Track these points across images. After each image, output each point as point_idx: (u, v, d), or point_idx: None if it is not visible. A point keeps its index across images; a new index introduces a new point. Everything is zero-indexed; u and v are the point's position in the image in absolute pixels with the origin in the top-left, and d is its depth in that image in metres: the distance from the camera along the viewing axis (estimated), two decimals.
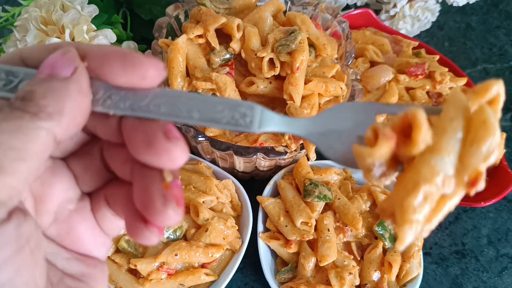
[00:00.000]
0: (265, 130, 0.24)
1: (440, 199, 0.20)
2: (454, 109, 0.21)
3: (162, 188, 0.21)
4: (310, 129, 0.25)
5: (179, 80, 0.52)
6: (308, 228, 0.52)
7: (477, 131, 0.20)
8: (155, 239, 0.21)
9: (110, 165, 0.23)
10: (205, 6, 0.55)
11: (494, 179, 0.60)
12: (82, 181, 0.24)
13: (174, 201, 0.21)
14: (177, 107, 0.22)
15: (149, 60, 0.21)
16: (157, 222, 0.20)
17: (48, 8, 0.51)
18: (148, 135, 0.20)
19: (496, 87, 0.21)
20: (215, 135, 0.51)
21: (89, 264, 0.24)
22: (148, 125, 0.21)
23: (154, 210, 0.20)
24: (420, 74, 0.64)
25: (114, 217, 0.24)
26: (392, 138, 0.20)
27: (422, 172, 0.20)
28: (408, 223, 0.19)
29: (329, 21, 0.59)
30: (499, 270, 0.59)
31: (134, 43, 0.59)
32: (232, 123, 0.22)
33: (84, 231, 0.24)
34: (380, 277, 0.51)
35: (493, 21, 0.87)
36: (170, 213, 0.20)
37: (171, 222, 0.20)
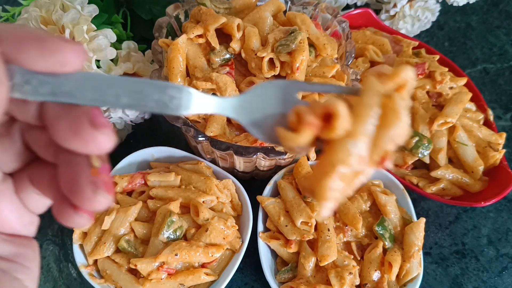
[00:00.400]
0: (193, 112, 0.23)
1: (353, 174, 0.22)
2: (369, 97, 0.23)
3: (90, 175, 0.20)
4: (237, 109, 0.25)
5: (179, 80, 0.52)
6: (308, 228, 0.52)
7: (387, 117, 0.22)
8: (85, 223, 0.21)
9: (32, 147, 0.23)
10: (205, 6, 0.55)
11: (494, 179, 0.60)
12: (2, 162, 0.23)
13: (104, 187, 0.20)
14: (103, 92, 0.21)
15: (69, 44, 0.20)
16: (87, 208, 0.20)
17: (48, 8, 0.51)
18: (73, 123, 0.20)
19: (405, 74, 0.23)
20: (215, 135, 0.51)
21: (19, 243, 0.24)
22: (72, 111, 0.20)
23: (83, 197, 0.20)
24: (420, 74, 0.64)
25: (40, 196, 0.24)
26: (314, 125, 0.22)
27: (339, 155, 0.22)
28: (326, 200, 0.22)
29: (329, 21, 0.59)
30: (499, 270, 0.59)
31: (134, 43, 0.59)
32: (160, 107, 0.22)
33: (9, 212, 0.23)
34: (380, 277, 0.51)
35: (493, 21, 0.87)
36: (100, 200, 0.20)
37: (101, 208, 0.20)
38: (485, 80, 0.78)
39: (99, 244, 0.51)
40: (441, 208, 0.64)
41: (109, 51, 0.53)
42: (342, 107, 0.22)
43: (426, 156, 0.60)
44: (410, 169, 0.63)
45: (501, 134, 0.63)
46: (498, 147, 0.62)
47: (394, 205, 0.56)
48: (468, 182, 0.60)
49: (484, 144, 0.62)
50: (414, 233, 0.53)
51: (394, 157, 0.22)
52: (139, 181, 0.55)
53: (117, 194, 0.55)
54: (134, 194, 0.56)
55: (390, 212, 0.55)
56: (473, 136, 0.62)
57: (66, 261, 0.59)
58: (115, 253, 0.51)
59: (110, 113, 0.56)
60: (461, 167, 0.62)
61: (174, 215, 0.51)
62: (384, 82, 0.23)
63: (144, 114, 0.60)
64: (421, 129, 0.61)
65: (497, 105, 0.75)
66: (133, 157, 0.59)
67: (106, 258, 0.51)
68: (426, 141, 0.59)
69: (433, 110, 0.63)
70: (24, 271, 0.24)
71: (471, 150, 0.61)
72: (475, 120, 0.64)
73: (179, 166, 0.58)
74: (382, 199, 0.56)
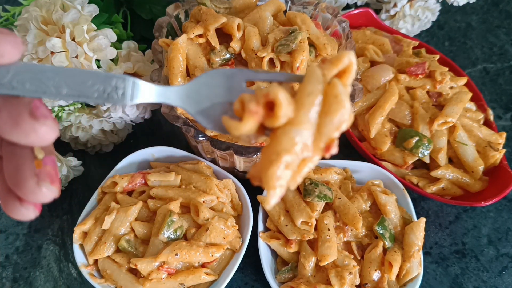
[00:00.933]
0: (138, 101, 0.23)
1: (301, 162, 0.23)
2: (311, 85, 0.23)
3: (34, 167, 0.21)
4: (183, 97, 0.25)
5: (179, 80, 0.52)
6: (308, 227, 0.52)
7: (330, 104, 0.23)
8: (31, 215, 0.21)
9: None
10: (206, 6, 0.55)
11: (495, 178, 0.60)
12: None
13: (48, 179, 0.21)
14: (43, 83, 0.21)
15: (5, 36, 0.20)
16: (31, 200, 0.21)
17: (48, 7, 0.51)
18: (13, 115, 0.20)
19: (347, 58, 0.23)
20: (216, 135, 0.51)
21: None
22: (13, 103, 0.20)
23: (27, 189, 0.20)
24: (420, 74, 0.64)
25: None
26: (257, 114, 0.22)
27: (283, 143, 0.22)
28: (273, 188, 0.22)
29: (330, 21, 0.59)
30: (500, 269, 0.59)
31: (135, 42, 0.59)
32: (104, 97, 0.22)
33: None
34: (380, 276, 0.51)
35: (493, 20, 0.87)
36: (44, 192, 0.20)
37: (45, 199, 0.21)
38: (485, 80, 0.78)
39: (99, 244, 0.51)
40: (441, 208, 0.64)
41: (109, 51, 0.53)
42: (283, 95, 0.22)
43: (426, 156, 0.60)
44: (410, 169, 0.63)
45: (501, 134, 0.63)
46: (498, 146, 0.62)
47: (394, 205, 0.56)
48: (468, 182, 0.60)
49: (484, 143, 0.62)
50: (414, 233, 0.53)
51: (337, 143, 0.22)
52: (139, 181, 0.55)
53: (117, 194, 0.55)
54: (134, 194, 0.56)
55: (390, 212, 0.55)
56: (473, 136, 0.62)
57: (66, 260, 0.59)
58: (115, 253, 0.51)
59: (110, 113, 0.56)
60: (461, 167, 0.62)
61: (174, 214, 0.51)
62: (327, 69, 0.23)
63: (145, 114, 0.60)
64: (421, 129, 0.61)
65: (497, 104, 0.75)
66: (133, 157, 0.59)
67: (107, 258, 0.51)
68: (426, 141, 0.59)
69: (433, 110, 0.63)
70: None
71: (471, 150, 0.61)
72: (475, 119, 0.64)
73: (179, 166, 0.58)
74: (382, 199, 0.56)
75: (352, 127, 0.66)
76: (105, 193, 0.56)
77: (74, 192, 0.65)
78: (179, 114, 0.50)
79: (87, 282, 0.51)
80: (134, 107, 0.57)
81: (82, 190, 0.65)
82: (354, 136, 0.64)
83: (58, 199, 0.63)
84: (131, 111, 0.57)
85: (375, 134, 0.63)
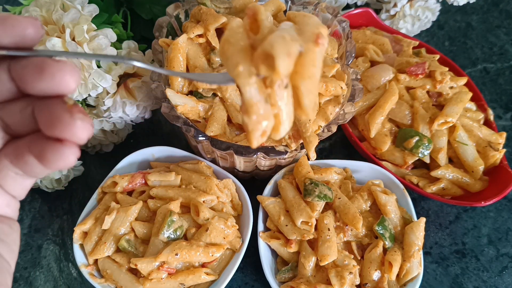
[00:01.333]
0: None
1: (299, 56, 0.24)
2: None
3: (66, 108, 0.22)
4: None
5: (179, 80, 0.52)
6: (308, 227, 0.52)
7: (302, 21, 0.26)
8: (72, 156, 0.23)
9: (8, 121, 0.25)
10: (206, 6, 0.55)
11: (495, 178, 0.60)
12: None
13: (81, 113, 0.22)
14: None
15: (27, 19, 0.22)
16: (69, 136, 0.22)
17: (48, 7, 0.51)
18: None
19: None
20: (216, 135, 0.51)
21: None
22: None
23: (63, 124, 0.22)
24: (421, 74, 0.64)
25: (17, 175, 0.25)
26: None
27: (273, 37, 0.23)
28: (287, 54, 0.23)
29: (330, 21, 0.59)
30: (500, 269, 0.59)
31: (135, 42, 0.59)
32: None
33: None
34: (381, 276, 0.51)
35: (493, 20, 0.87)
36: (79, 124, 0.22)
37: (82, 133, 0.22)
38: (485, 80, 0.78)
39: (99, 243, 0.51)
40: (441, 208, 0.64)
41: (110, 50, 0.53)
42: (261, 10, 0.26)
43: (426, 156, 0.60)
44: (410, 169, 0.63)
45: (501, 134, 0.63)
46: (498, 146, 0.62)
47: (394, 204, 0.56)
48: (468, 182, 0.60)
49: (484, 143, 0.62)
50: (414, 233, 0.53)
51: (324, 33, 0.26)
52: (140, 181, 0.55)
53: (117, 194, 0.55)
54: (134, 193, 0.56)
55: (390, 211, 0.55)
56: (473, 136, 0.62)
57: (67, 260, 0.59)
58: (115, 252, 0.51)
59: (110, 113, 0.56)
60: (461, 166, 0.62)
61: (175, 214, 0.51)
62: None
63: (145, 114, 0.60)
64: (421, 129, 0.61)
65: (497, 104, 0.75)
66: (133, 157, 0.59)
67: (107, 257, 0.51)
68: (426, 140, 0.59)
69: (433, 110, 0.63)
70: (4, 247, 0.25)
71: (471, 149, 0.61)
72: (475, 119, 0.64)
73: (179, 165, 0.58)
74: (382, 198, 0.56)
75: (352, 127, 0.66)
76: (105, 193, 0.56)
77: (74, 192, 0.65)
78: (179, 114, 0.50)
79: (87, 282, 0.51)
80: (135, 106, 0.57)
81: (82, 190, 0.65)
82: (354, 136, 0.64)
83: (58, 199, 0.64)
84: (131, 111, 0.57)
85: (375, 134, 0.63)
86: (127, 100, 0.55)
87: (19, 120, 0.25)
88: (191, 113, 0.52)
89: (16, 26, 0.22)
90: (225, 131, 0.53)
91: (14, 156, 0.25)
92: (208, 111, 0.52)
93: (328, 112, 0.52)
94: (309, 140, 0.46)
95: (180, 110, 0.50)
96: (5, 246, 0.26)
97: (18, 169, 0.25)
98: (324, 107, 0.53)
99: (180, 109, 0.50)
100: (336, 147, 0.70)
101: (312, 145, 0.47)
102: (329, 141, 0.71)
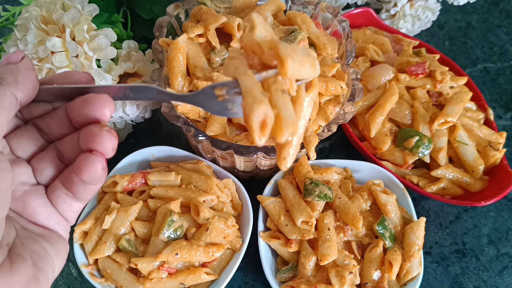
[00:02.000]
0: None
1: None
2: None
3: (100, 127, 0.28)
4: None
5: (179, 79, 0.52)
6: (308, 227, 0.52)
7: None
8: (100, 163, 0.28)
9: (63, 151, 0.31)
10: (206, 5, 0.55)
11: (495, 178, 0.60)
12: (39, 172, 0.31)
13: (108, 127, 0.28)
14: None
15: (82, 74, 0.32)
16: (97, 145, 0.27)
17: (48, 7, 0.51)
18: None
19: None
20: (216, 135, 0.51)
21: (47, 231, 0.31)
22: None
23: (93, 134, 0.28)
24: (421, 73, 0.64)
25: (67, 197, 0.30)
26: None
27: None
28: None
29: (330, 20, 0.59)
30: (500, 269, 0.59)
31: (135, 42, 0.59)
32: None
33: (37, 207, 0.30)
34: (381, 276, 0.51)
35: (493, 20, 0.87)
36: (105, 134, 0.28)
37: (107, 143, 0.28)
38: (485, 80, 0.78)
39: (99, 243, 0.51)
40: (441, 208, 0.64)
41: (110, 50, 0.53)
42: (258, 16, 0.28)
43: (426, 156, 0.60)
44: (410, 169, 0.63)
45: (502, 134, 0.63)
46: (498, 146, 0.62)
47: (395, 204, 0.56)
48: (468, 182, 0.60)
49: (485, 143, 0.62)
50: (415, 233, 0.53)
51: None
52: (140, 181, 0.55)
53: (117, 193, 0.55)
54: (134, 193, 0.56)
55: (391, 211, 0.55)
56: (473, 136, 0.62)
57: (67, 260, 0.59)
58: (115, 252, 0.51)
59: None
60: (461, 166, 0.62)
61: (175, 214, 0.51)
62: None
63: (145, 114, 0.60)
64: (422, 129, 0.61)
65: (497, 104, 0.75)
66: (133, 157, 0.59)
67: (107, 257, 0.51)
68: (426, 140, 0.59)
69: (434, 110, 0.63)
70: (52, 248, 0.30)
71: (471, 149, 0.61)
72: (476, 119, 0.64)
73: (179, 165, 0.58)
74: (383, 198, 0.56)
75: (352, 127, 0.66)
76: (105, 193, 0.56)
77: None
78: (179, 114, 0.50)
79: (87, 281, 0.51)
80: (135, 106, 0.57)
81: None
82: (354, 136, 0.64)
83: None
84: (131, 111, 0.57)
85: (376, 134, 0.63)
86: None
87: (70, 149, 0.30)
88: (191, 113, 0.52)
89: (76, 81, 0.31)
90: (225, 131, 0.53)
91: (64, 177, 0.30)
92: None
93: (328, 111, 0.52)
94: (309, 140, 0.46)
95: (180, 109, 0.50)
96: (54, 253, 0.30)
97: (67, 190, 0.30)
98: (324, 107, 0.53)
99: (180, 108, 0.50)
100: (336, 147, 0.70)
101: (312, 145, 0.47)
102: (329, 140, 0.71)
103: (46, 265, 0.29)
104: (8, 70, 0.29)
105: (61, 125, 0.31)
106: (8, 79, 0.28)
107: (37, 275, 0.28)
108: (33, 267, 0.28)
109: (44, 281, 0.29)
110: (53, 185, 0.31)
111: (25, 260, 0.28)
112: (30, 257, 0.28)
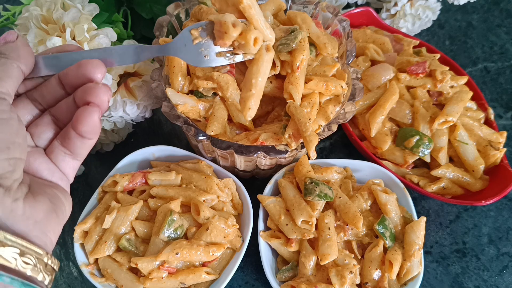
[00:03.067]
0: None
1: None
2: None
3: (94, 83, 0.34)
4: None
5: (180, 79, 0.52)
6: (308, 226, 0.52)
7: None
8: (96, 113, 0.32)
9: (58, 116, 0.36)
10: (206, 5, 0.55)
11: (495, 178, 0.60)
12: (36, 136, 0.36)
13: (103, 83, 0.34)
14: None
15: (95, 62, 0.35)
16: (93, 97, 0.33)
17: (48, 6, 0.51)
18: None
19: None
20: (216, 134, 0.51)
21: (53, 183, 0.35)
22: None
23: (90, 88, 0.33)
24: (421, 73, 0.64)
25: (66, 155, 0.35)
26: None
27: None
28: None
29: (330, 20, 0.59)
30: (500, 268, 0.59)
31: (135, 42, 0.59)
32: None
33: (40, 165, 0.35)
34: (381, 275, 0.51)
35: (494, 19, 0.87)
36: (101, 86, 0.33)
37: (103, 95, 0.33)
38: (485, 79, 0.78)
39: (100, 243, 0.51)
40: (441, 207, 0.64)
41: None
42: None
43: (426, 155, 0.60)
44: (410, 168, 0.63)
45: (502, 133, 0.63)
46: (498, 146, 0.62)
47: (395, 204, 0.56)
48: (468, 181, 0.60)
49: (485, 143, 0.62)
50: (415, 232, 0.53)
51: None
52: (140, 180, 0.56)
53: (118, 193, 0.55)
54: (135, 193, 0.56)
55: (391, 211, 0.55)
56: (473, 135, 0.62)
57: (67, 259, 0.59)
58: (116, 252, 0.51)
59: (110, 112, 0.56)
60: (461, 166, 0.62)
61: (175, 214, 0.51)
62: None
63: (145, 113, 0.60)
64: (422, 128, 0.61)
65: (497, 104, 0.75)
66: (133, 156, 0.59)
67: (107, 257, 0.51)
68: (426, 140, 0.59)
69: (434, 109, 0.63)
70: (61, 195, 0.35)
71: (471, 149, 0.61)
72: (476, 119, 0.64)
73: (179, 165, 0.58)
74: (383, 198, 0.56)
75: (352, 126, 0.66)
76: (105, 192, 0.56)
77: (74, 191, 0.65)
78: (179, 113, 0.50)
79: (87, 281, 0.51)
80: (135, 106, 0.57)
81: (82, 189, 0.65)
82: (354, 135, 0.64)
83: None
84: (132, 110, 0.57)
85: (376, 133, 0.63)
86: (127, 99, 0.55)
87: (65, 111, 0.35)
88: (191, 113, 0.52)
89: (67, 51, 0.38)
90: (226, 131, 0.53)
91: (62, 135, 0.35)
92: (209, 110, 0.52)
93: (329, 111, 0.52)
94: (309, 139, 0.46)
95: (181, 109, 0.50)
96: (63, 198, 0.35)
97: (65, 147, 0.35)
98: (325, 106, 0.53)
99: (180, 108, 0.50)
100: (337, 146, 0.70)
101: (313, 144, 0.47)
102: (330, 140, 0.71)
103: (59, 204, 0.34)
104: (9, 47, 0.34)
105: (55, 92, 0.36)
106: (11, 54, 0.33)
107: (55, 208, 0.33)
108: (50, 202, 0.33)
109: (61, 215, 0.34)
110: (51, 146, 0.35)
111: (44, 196, 0.33)
112: (47, 195, 0.33)
